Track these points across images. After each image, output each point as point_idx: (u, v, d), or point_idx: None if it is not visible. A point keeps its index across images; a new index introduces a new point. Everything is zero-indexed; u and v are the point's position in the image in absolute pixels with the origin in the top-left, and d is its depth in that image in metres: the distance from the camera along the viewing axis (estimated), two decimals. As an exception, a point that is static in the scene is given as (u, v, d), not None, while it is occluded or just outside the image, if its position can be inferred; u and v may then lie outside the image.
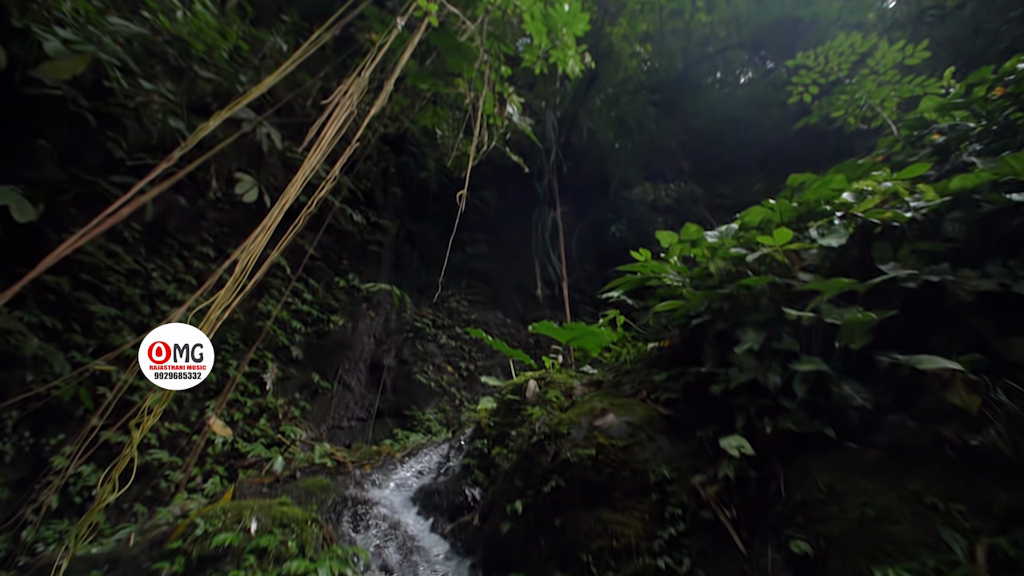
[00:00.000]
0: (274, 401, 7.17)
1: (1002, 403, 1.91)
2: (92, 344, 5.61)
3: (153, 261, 6.60)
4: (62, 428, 5.26)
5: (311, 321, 7.94)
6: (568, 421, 2.54)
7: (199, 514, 2.19)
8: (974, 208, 2.44)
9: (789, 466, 2.10)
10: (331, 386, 7.54)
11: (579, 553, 2.10)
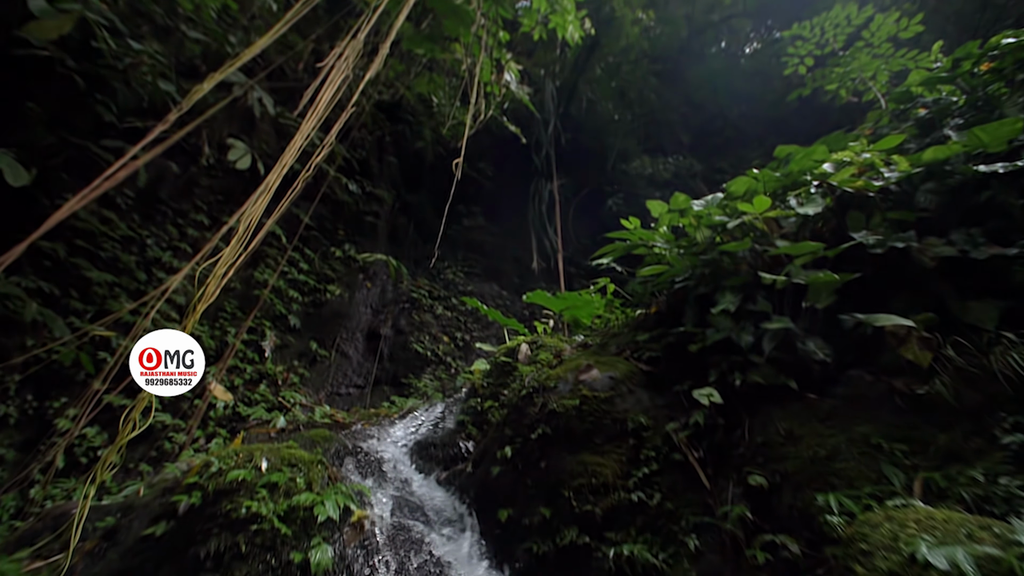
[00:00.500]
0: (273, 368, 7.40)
1: (951, 358, 2.11)
2: (90, 310, 5.74)
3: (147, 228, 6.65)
4: (64, 392, 5.46)
5: (308, 291, 8.07)
6: (555, 376, 2.75)
7: (213, 455, 2.39)
8: (945, 180, 2.57)
9: (754, 414, 2.32)
10: (329, 354, 7.76)
11: (561, 490, 2.33)
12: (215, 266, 2.34)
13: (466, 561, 2.24)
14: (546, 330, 4.08)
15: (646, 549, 2.05)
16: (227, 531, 2.08)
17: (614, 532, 2.17)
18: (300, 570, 2.01)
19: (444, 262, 9.39)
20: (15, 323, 5.16)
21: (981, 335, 2.10)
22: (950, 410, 2.00)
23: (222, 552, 2.03)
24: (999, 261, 2.27)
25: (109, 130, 5.62)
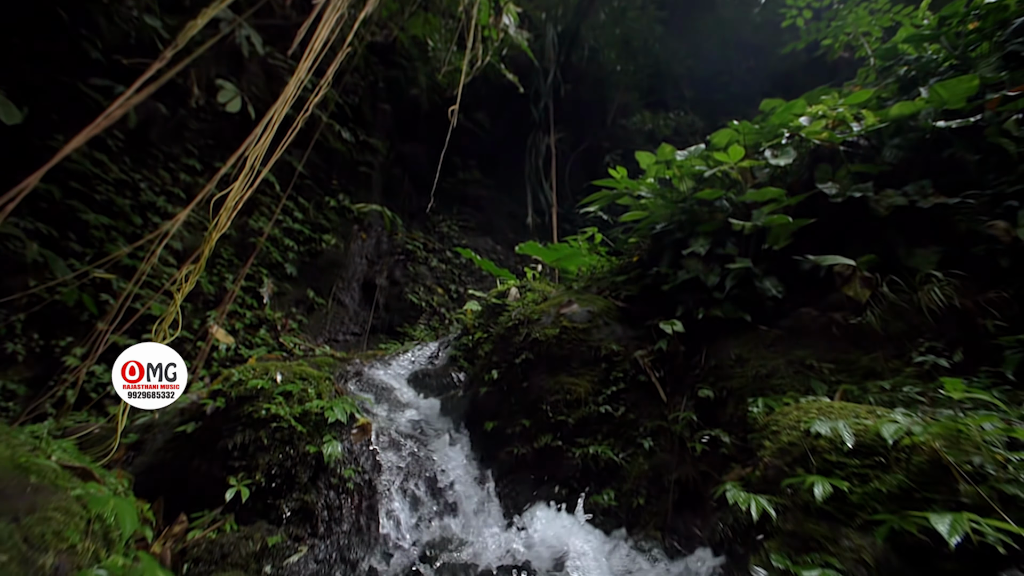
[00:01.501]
0: (272, 314, 7.73)
1: (885, 295, 2.44)
2: (89, 252, 5.95)
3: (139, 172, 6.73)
4: (70, 331, 5.78)
5: (303, 240, 8.26)
6: (539, 310, 3.07)
7: (234, 369, 2.73)
8: (909, 135, 2.79)
9: (712, 343, 2.67)
10: (326, 303, 8.09)
11: (540, 405, 2.72)
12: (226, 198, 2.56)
13: (457, 460, 2.66)
14: (535, 276, 4.38)
15: (609, 449, 2.46)
16: (250, 428, 2.46)
17: (584, 437, 2.57)
18: (315, 459, 2.40)
19: (439, 215, 9.53)
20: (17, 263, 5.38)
21: (915, 275, 2.42)
22: (877, 338, 2.35)
23: (247, 444, 2.42)
24: (942, 210, 2.55)
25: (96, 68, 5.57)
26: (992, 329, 2.16)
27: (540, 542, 1.86)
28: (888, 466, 1.38)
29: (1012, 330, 2.11)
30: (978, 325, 2.20)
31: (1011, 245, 2.31)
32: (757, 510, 1.44)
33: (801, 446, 1.57)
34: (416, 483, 2.39)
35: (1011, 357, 2.00)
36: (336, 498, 2.30)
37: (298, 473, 2.35)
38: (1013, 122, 2.56)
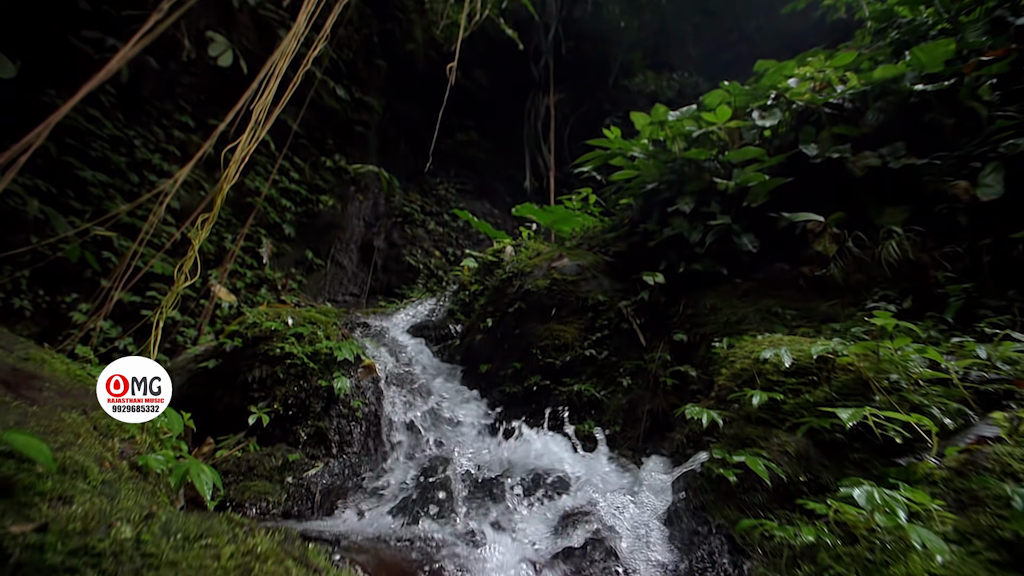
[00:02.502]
0: (272, 274, 7.96)
1: (850, 249, 2.67)
2: (88, 210, 6.09)
3: (133, 128, 6.76)
4: (75, 288, 6.01)
5: (300, 201, 8.36)
6: (532, 264, 3.31)
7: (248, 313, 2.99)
8: (889, 98, 2.93)
9: (690, 294, 2.93)
10: (325, 264, 8.30)
11: (531, 349, 3.01)
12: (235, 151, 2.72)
13: (454, 396, 2.97)
14: (530, 235, 4.58)
15: (592, 387, 2.76)
16: (267, 364, 2.74)
17: (570, 378, 2.87)
18: (326, 392, 2.70)
19: (436, 178, 9.57)
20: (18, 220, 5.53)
21: (879, 231, 2.64)
22: (839, 288, 2.60)
23: (264, 379, 2.71)
24: (912, 171, 2.74)
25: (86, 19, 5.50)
26: (942, 280, 2.41)
27: (528, 454, 2.18)
28: (819, 382, 1.66)
29: (959, 281, 2.37)
30: (930, 276, 2.45)
31: (969, 203, 2.53)
32: (708, 419, 1.74)
33: (751, 371, 1.85)
34: (417, 413, 2.71)
35: (953, 303, 2.26)
36: (346, 425, 2.62)
37: (312, 404, 2.66)
38: (987, 87, 2.71)
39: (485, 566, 1.15)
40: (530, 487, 1.95)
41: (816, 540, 1.06)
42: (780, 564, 1.07)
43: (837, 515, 1.09)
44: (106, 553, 0.79)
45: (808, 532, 1.07)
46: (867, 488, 1.01)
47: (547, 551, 1.39)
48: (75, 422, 1.45)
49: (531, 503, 1.82)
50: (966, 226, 2.56)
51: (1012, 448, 1.15)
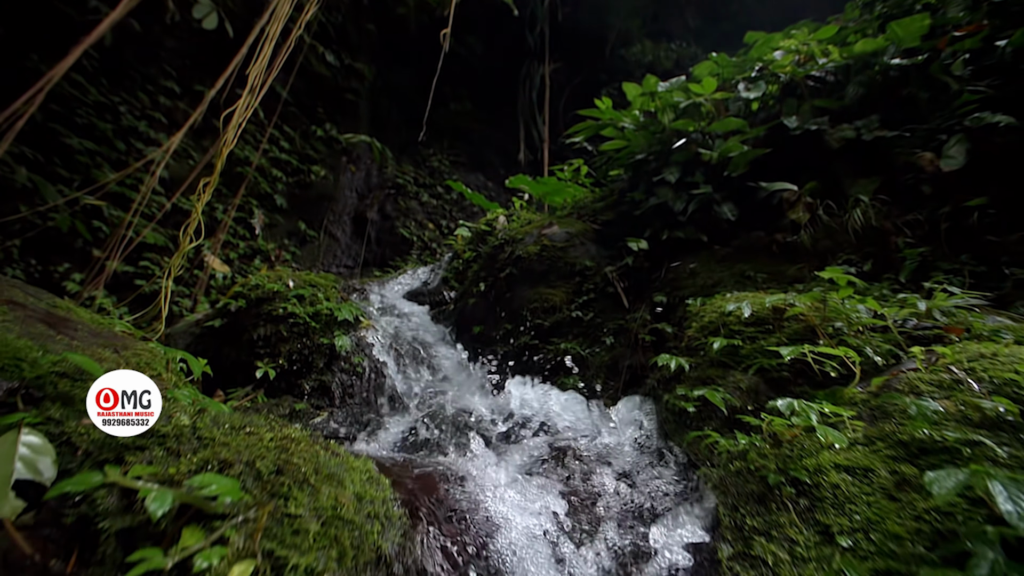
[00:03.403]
0: (265, 245, 8.04)
1: (821, 217, 2.87)
2: (76, 178, 6.11)
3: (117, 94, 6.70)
4: (67, 258, 6.08)
5: (291, 171, 8.36)
6: (523, 231, 3.48)
7: (251, 275, 3.15)
8: (868, 72, 3.07)
9: (672, 260, 3.13)
10: (318, 235, 8.38)
11: (521, 311, 3.22)
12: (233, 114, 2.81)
13: (449, 354, 3.19)
14: (522, 205, 4.72)
15: (578, 345, 2.99)
16: (270, 323, 2.93)
17: (557, 337, 3.10)
18: (328, 349, 2.90)
19: (429, 149, 9.56)
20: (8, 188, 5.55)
21: (848, 200, 2.84)
22: (807, 253, 2.82)
23: (269, 336, 2.90)
24: (884, 143, 2.91)
25: (64, -25, 5.37)
26: (902, 245, 2.63)
27: (517, 401, 2.42)
28: (773, 330, 1.88)
29: (917, 246, 2.59)
30: (891, 242, 2.67)
31: (933, 174, 2.72)
32: (676, 365, 1.97)
33: (716, 322, 2.07)
34: (415, 369, 2.93)
35: (908, 265, 2.49)
36: (348, 379, 2.84)
37: (315, 360, 2.86)
38: (961, 62, 2.86)
39: (486, 476, 1.38)
40: (519, 428, 2.19)
41: (748, 445, 1.29)
42: (720, 463, 1.31)
43: (768, 426, 1.33)
44: (169, 435, 1.00)
45: (743, 439, 1.31)
46: (788, 400, 1.24)
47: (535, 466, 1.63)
48: (110, 357, 1.64)
49: (520, 439, 2.06)
50: (930, 195, 2.76)
51: (922, 375, 1.39)
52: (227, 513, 0.88)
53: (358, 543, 0.91)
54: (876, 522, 1.00)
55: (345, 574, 0.86)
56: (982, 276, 2.44)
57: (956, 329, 1.71)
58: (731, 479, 1.23)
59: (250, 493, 0.91)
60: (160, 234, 6.97)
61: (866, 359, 1.61)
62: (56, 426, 1.12)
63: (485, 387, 2.84)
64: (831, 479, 1.10)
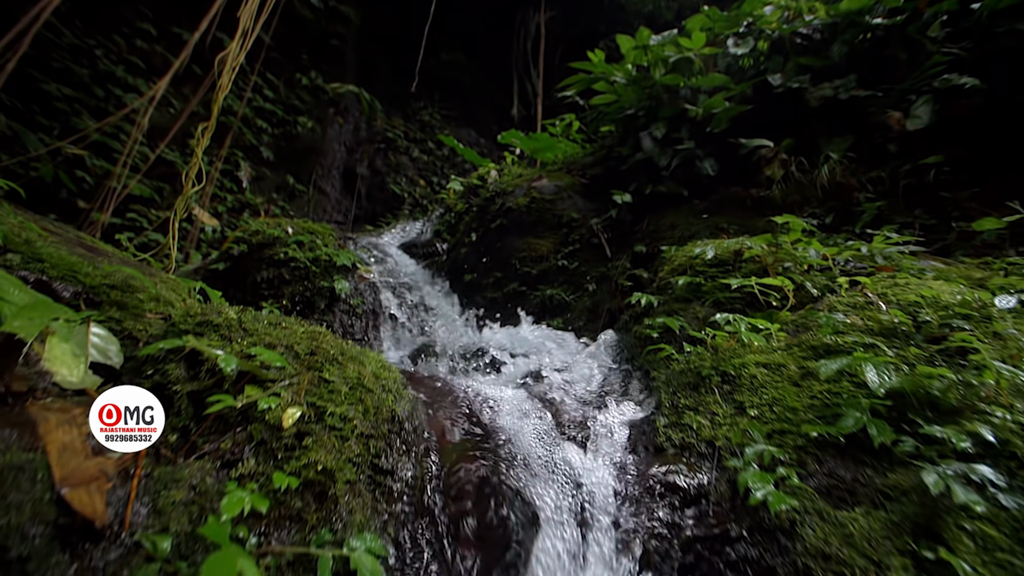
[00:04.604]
0: (253, 198, 8.08)
1: (793, 173, 3.12)
2: (55, 126, 6.07)
3: (93, 37, 6.54)
4: (50, 209, 6.12)
5: (276, 121, 8.27)
6: (514, 184, 3.68)
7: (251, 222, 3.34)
8: (853, 31, 3.22)
9: (654, 214, 3.38)
10: (307, 190, 8.42)
11: (510, 260, 3.48)
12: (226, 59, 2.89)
13: (441, 300, 3.47)
14: (514, 160, 4.87)
15: (563, 292, 3.29)
16: (272, 267, 3.16)
17: (543, 284, 3.38)
18: (329, 292, 3.16)
19: (420, 102, 9.44)
20: (-12, 136, 5.52)
21: (819, 156, 3.08)
22: (777, 207, 3.08)
23: (272, 279, 3.14)
24: (858, 102, 3.12)
25: None
26: (863, 200, 2.90)
27: (505, 341, 2.73)
28: (732, 270, 2.17)
29: (876, 200, 2.86)
30: (854, 197, 2.94)
31: (900, 133, 2.96)
32: (646, 301, 2.26)
33: (685, 264, 2.35)
34: (409, 312, 3.21)
35: (864, 218, 2.77)
36: (348, 319, 3.11)
37: (317, 301, 3.12)
38: (938, 24, 3.02)
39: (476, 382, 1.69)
40: (506, 359, 2.51)
41: (693, 353, 1.61)
42: (671, 368, 1.63)
43: (712, 340, 1.64)
44: (221, 326, 1.26)
45: (689, 348, 1.61)
46: (725, 314, 1.54)
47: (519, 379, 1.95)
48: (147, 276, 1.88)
49: (507, 365, 2.38)
50: (895, 154, 3.01)
51: (842, 298, 1.70)
52: (276, 379, 1.16)
53: (377, 405, 1.20)
54: (779, 400, 1.33)
55: (369, 424, 1.16)
56: (932, 228, 2.73)
57: (888, 268, 2.01)
58: (675, 376, 1.54)
59: (291, 366, 1.19)
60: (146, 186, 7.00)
61: (804, 291, 1.91)
62: (116, 324, 1.38)
63: (476, 327, 3.15)
64: (751, 372, 1.42)
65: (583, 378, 2.03)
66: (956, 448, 1.06)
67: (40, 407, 0.99)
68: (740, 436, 1.23)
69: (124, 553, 0.86)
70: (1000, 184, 2.89)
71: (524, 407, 1.68)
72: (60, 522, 0.84)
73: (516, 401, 1.65)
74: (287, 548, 0.95)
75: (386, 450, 1.16)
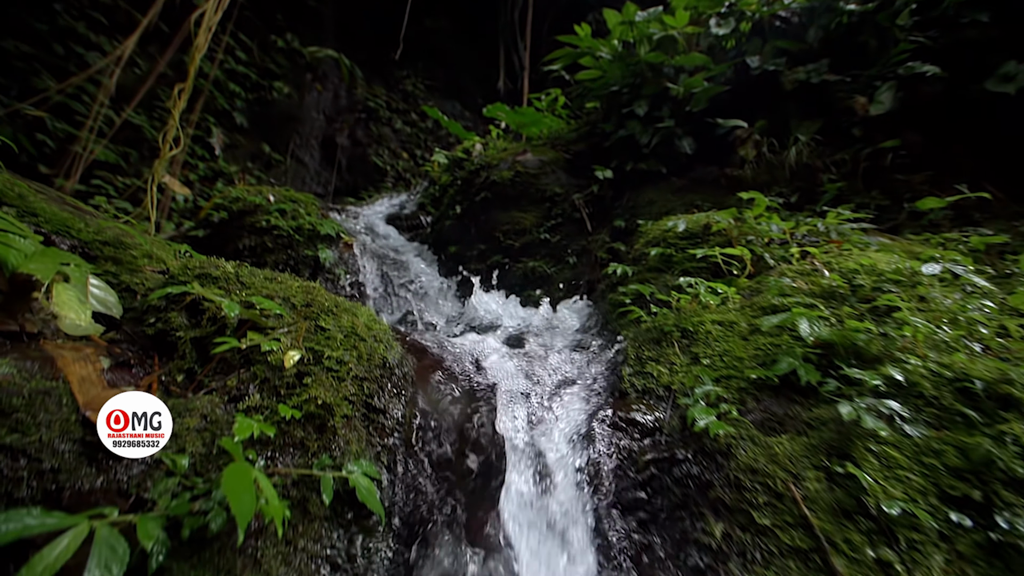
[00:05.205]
0: (227, 166, 7.88)
1: (765, 154, 3.29)
2: (13, 86, 5.78)
3: (47, -14, 6.16)
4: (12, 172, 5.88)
5: (250, 86, 8.00)
6: (498, 157, 3.76)
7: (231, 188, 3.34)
8: (829, 15, 3.36)
9: (634, 190, 3.53)
10: (284, 159, 8.24)
11: (494, 233, 3.59)
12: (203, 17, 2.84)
13: (425, 271, 3.58)
14: (499, 134, 4.92)
15: (544, 264, 3.43)
16: (255, 234, 3.19)
17: (526, 257, 3.52)
18: (313, 261, 3.22)
19: (403, 71, 9.24)
20: (-57, 95, 5.24)
21: (790, 138, 3.26)
22: (748, 185, 3.26)
23: (255, 247, 3.17)
24: (828, 87, 3.29)
25: None
26: (826, 181, 3.10)
27: (487, 310, 2.87)
28: (701, 243, 2.35)
29: (837, 181, 3.07)
30: (818, 178, 3.14)
31: (864, 117, 3.15)
32: (621, 271, 2.43)
33: (659, 237, 2.52)
34: (394, 281, 3.31)
35: (825, 197, 2.98)
36: (333, 288, 3.19)
37: (300, 269, 3.18)
38: (908, 12, 3.18)
39: (467, 347, 1.83)
40: (488, 324, 2.65)
41: (659, 314, 1.78)
42: (639, 327, 1.81)
43: (677, 303, 1.81)
44: (220, 278, 1.36)
45: (656, 310, 1.79)
46: (687, 278, 1.71)
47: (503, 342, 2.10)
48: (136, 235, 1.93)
49: (490, 330, 2.53)
50: (859, 137, 3.21)
51: (792, 266, 1.89)
52: (275, 327, 1.27)
53: (370, 352, 1.33)
54: (729, 351, 1.51)
55: (363, 368, 1.29)
56: (886, 208, 2.96)
57: (838, 242, 2.21)
58: (641, 334, 1.72)
59: (289, 315, 1.30)
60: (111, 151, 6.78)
61: (763, 261, 2.10)
62: (114, 277, 1.46)
63: (460, 297, 3.27)
64: (707, 328, 1.60)
65: (561, 339, 2.19)
66: (871, 387, 1.26)
67: (54, 346, 1.08)
68: (693, 381, 1.41)
69: (146, 469, 0.98)
70: (952, 168, 3.13)
71: (505, 364, 1.83)
72: (87, 439, 0.95)
73: (497, 357, 1.80)
74: (292, 470, 1.09)
75: (378, 392, 1.30)
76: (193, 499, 0.96)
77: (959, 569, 1.07)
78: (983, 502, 1.12)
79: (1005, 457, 1.15)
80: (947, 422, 1.26)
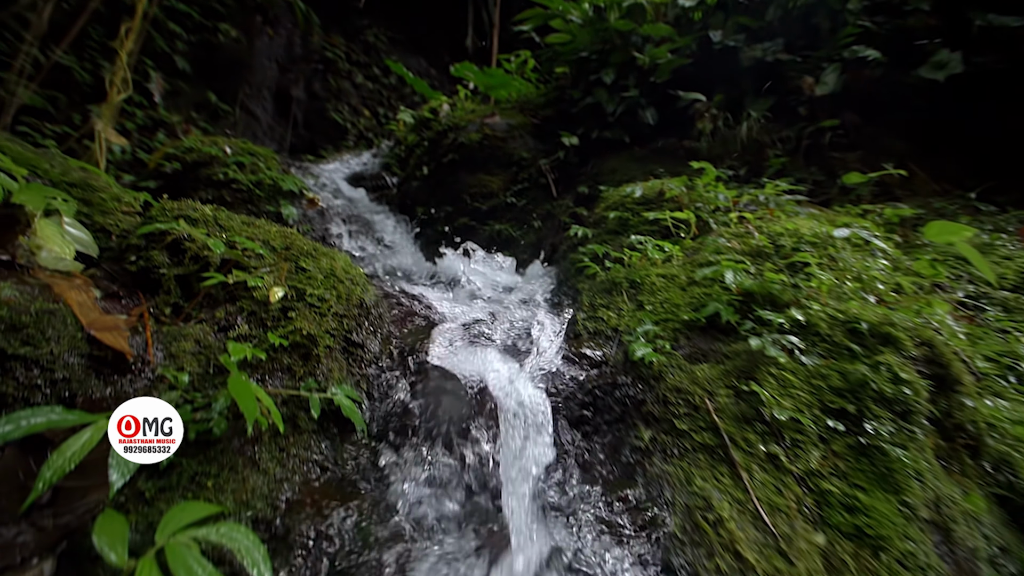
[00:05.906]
0: (168, 116, 7.38)
1: (720, 128, 3.56)
2: None
3: None
4: None
5: (193, 27, 7.44)
6: (466, 119, 3.83)
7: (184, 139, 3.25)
8: (784, -6, 3.60)
9: (598, 158, 3.73)
10: (232, 110, 7.80)
11: (462, 195, 3.71)
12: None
13: (393, 229, 3.67)
14: (467, 95, 4.94)
15: (510, 228, 3.60)
16: (212, 188, 3.15)
17: (492, 220, 3.67)
18: (275, 216, 3.23)
19: (364, 19, 8.83)
20: None
21: (743, 114, 3.53)
22: (703, 157, 3.53)
23: (212, 200, 3.14)
24: (780, 65, 3.56)
25: None
26: (772, 156, 3.42)
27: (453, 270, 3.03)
28: (655, 208, 2.60)
29: (781, 157, 3.39)
30: (765, 153, 3.46)
31: (810, 97, 3.46)
32: (582, 234, 2.65)
33: (618, 202, 2.75)
34: (360, 240, 3.39)
35: (768, 171, 3.30)
36: (297, 244, 3.23)
37: (262, 225, 3.19)
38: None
39: (436, 297, 2.00)
40: (453, 283, 2.82)
41: (613, 269, 2.02)
42: (594, 281, 2.04)
43: (629, 260, 2.06)
44: (199, 220, 1.45)
45: (610, 265, 2.03)
46: (637, 236, 1.95)
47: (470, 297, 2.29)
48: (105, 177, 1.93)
49: (457, 287, 2.70)
50: (804, 116, 3.53)
51: (730, 229, 2.17)
52: (258, 266, 1.39)
53: (348, 292, 1.48)
54: (669, 299, 1.77)
55: (342, 306, 1.44)
56: (821, 183, 3.33)
57: (772, 210, 2.52)
58: (595, 286, 1.96)
59: (271, 256, 1.42)
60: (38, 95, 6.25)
61: (707, 225, 2.37)
62: (87, 218, 1.52)
63: (427, 257, 3.41)
64: (652, 280, 1.85)
65: (524, 295, 2.41)
66: (778, 326, 1.56)
67: (47, 275, 1.17)
68: (636, 323, 1.66)
69: (149, 383, 1.11)
70: (884, 149, 3.53)
71: (472, 313, 2.03)
72: (94, 354, 1.07)
73: (465, 308, 1.99)
74: (282, 390, 1.25)
75: (356, 328, 1.46)
76: (195, 411, 1.10)
77: (833, 463, 1.39)
78: (856, 414, 1.45)
79: (878, 380, 1.48)
80: (835, 354, 1.58)
